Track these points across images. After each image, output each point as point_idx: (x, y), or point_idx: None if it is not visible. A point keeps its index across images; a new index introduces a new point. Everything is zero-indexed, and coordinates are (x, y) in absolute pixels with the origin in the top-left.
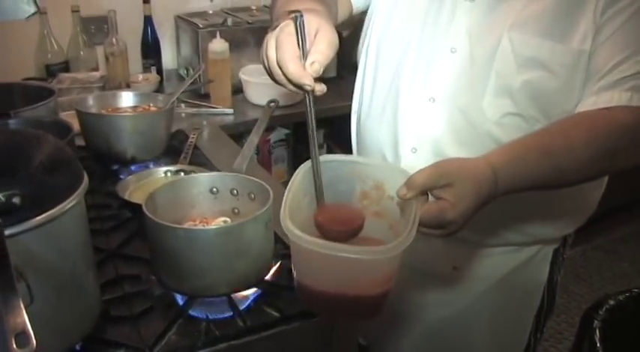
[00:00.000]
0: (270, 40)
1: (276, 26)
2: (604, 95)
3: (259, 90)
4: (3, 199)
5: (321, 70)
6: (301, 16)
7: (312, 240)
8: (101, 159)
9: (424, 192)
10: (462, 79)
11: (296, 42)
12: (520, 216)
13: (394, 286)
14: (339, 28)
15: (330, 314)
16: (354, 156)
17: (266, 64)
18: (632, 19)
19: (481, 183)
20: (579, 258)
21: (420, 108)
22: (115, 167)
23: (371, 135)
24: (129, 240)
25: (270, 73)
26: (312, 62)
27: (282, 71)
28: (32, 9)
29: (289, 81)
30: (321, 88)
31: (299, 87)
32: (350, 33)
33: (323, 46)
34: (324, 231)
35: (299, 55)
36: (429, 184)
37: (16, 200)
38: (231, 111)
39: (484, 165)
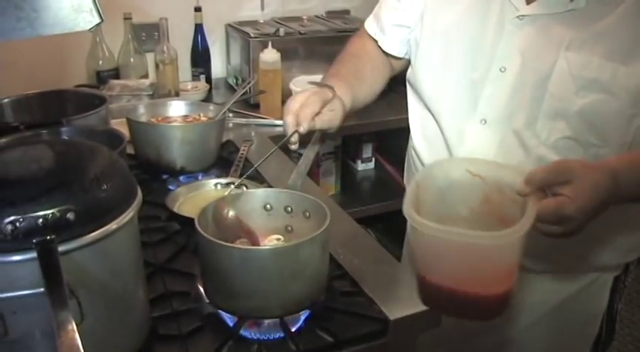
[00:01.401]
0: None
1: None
2: None
3: None
4: (57, 214)
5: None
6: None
7: (432, 225)
8: (150, 168)
9: (542, 189)
10: (515, 99)
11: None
12: (577, 241)
13: (514, 287)
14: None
15: (449, 313)
16: (474, 158)
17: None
18: None
19: (600, 182)
20: (633, 283)
21: (471, 130)
22: (164, 177)
23: (424, 156)
24: (177, 254)
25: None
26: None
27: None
28: (96, 19)
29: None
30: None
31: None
32: None
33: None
34: None
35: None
36: (548, 180)
37: (70, 215)
38: (280, 122)
39: (602, 166)
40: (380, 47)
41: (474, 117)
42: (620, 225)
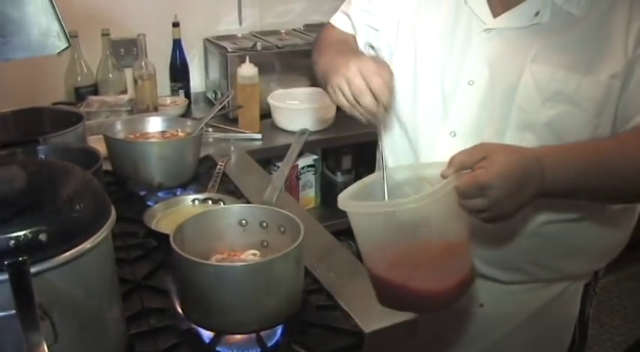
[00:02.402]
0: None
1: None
2: None
3: (288, 116)
4: (30, 236)
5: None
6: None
7: (353, 203)
8: (128, 184)
9: (464, 169)
10: (483, 112)
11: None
12: (547, 252)
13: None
14: None
15: (403, 307)
16: (425, 163)
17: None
18: None
19: (516, 154)
20: (612, 288)
21: (440, 143)
22: (142, 193)
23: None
24: (155, 271)
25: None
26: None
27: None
28: (64, 44)
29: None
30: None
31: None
32: None
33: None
34: None
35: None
36: (467, 159)
37: (42, 237)
38: (259, 136)
39: (525, 148)
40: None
41: (444, 129)
42: (586, 234)
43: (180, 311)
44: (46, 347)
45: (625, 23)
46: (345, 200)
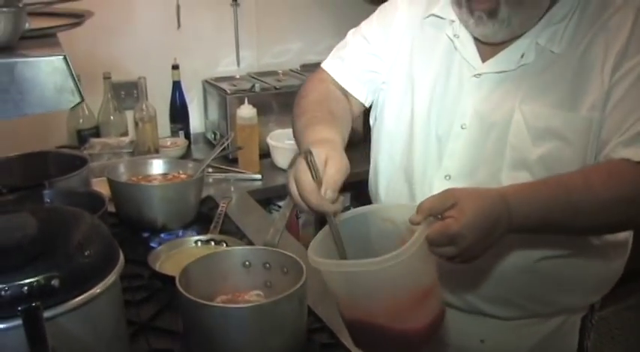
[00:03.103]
0: (290, 178)
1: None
2: (623, 151)
3: (287, 155)
4: (42, 282)
5: (335, 195)
6: (311, 153)
7: (325, 261)
8: (132, 226)
9: (433, 215)
10: (476, 154)
11: (311, 177)
12: (543, 287)
13: (434, 320)
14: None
15: (374, 348)
16: (388, 204)
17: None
18: None
19: (484, 200)
20: (613, 319)
21: (436, 186)
22: (146, 234)
23: None
24: (161, 312)
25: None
26: (326, 190)
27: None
28: (77, 99)
29: (312, 209)
30: (335, 209)
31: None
32: None
33: (333, 174)
34: None
35: (315, 187)
36: (436, 206)
37: (54, 282)
38: (259, 176)
39: (492, 190)
40: (340, 89)
41: (439, 172)
42: (580, 269)
43: None
44: None
45: (602, 57)
46: (314, 256)
